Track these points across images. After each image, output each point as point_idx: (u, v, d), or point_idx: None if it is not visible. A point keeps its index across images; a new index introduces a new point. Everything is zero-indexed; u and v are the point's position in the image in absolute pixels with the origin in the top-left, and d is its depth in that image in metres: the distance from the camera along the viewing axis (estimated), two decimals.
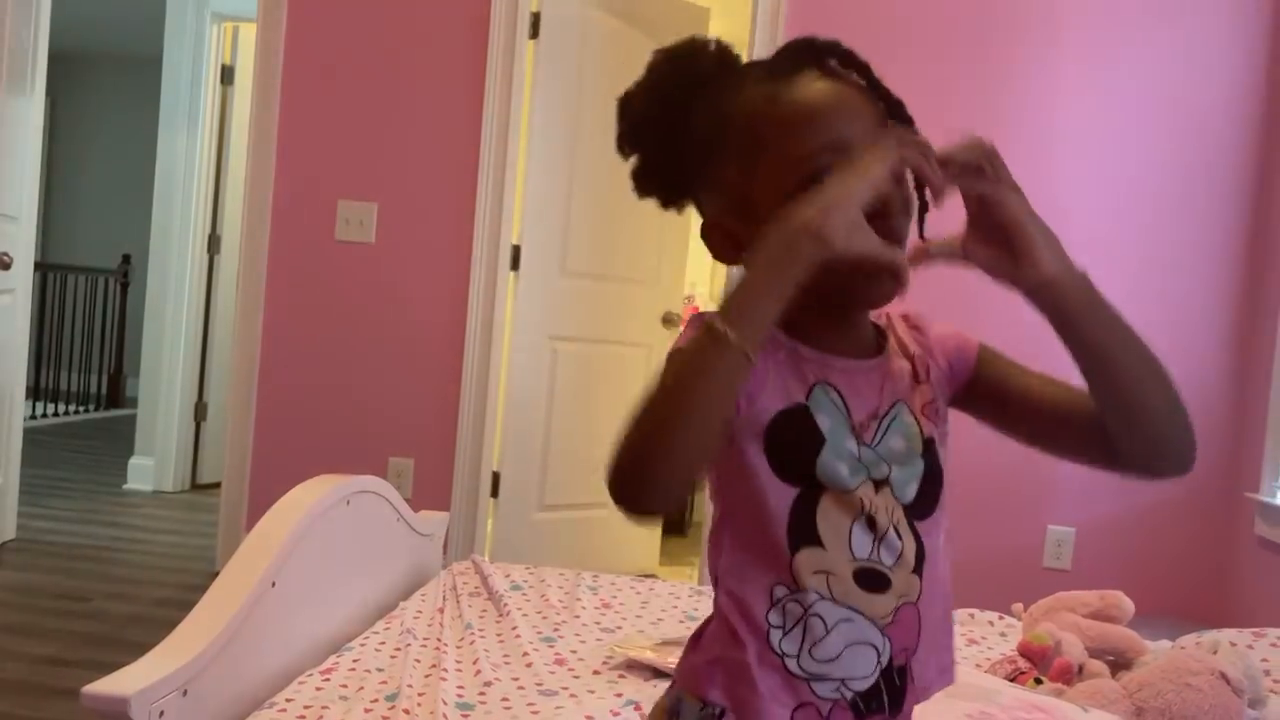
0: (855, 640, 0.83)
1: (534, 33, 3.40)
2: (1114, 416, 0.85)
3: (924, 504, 0.88)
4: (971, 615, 2.13)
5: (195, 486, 4.76)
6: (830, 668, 0.83)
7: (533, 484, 3.55)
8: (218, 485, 4.11)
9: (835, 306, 0.86)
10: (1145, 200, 3.15)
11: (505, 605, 1.97)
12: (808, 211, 0.75)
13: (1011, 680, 1.57)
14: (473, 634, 1.81)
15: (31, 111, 3.54)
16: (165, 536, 3.95)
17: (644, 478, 0.73)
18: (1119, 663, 1.71)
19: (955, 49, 3.18)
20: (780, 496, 0.83)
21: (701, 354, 0.74)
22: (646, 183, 0.92)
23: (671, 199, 0.93)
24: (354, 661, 1.64)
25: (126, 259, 6.80)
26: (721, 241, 0.89)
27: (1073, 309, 0.83)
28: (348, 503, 1.81)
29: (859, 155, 0.78)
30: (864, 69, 0.86)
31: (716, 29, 3.75)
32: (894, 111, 0.86)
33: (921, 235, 0.87)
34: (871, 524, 0.84)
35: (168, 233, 4.64)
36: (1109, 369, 0.84)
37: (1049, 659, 1.59)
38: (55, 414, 6.30)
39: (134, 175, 6.91)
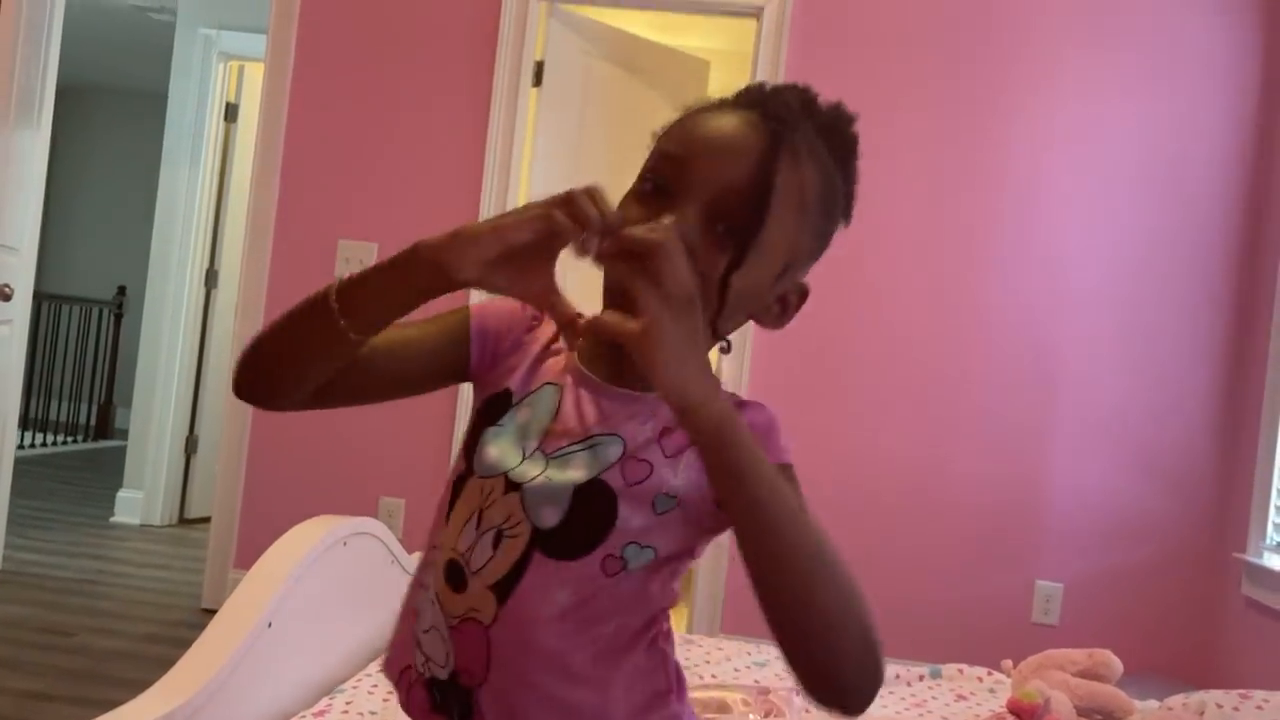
0: (433, 625, 0.85)
1: (537, 80, 3.46)
2: (763, 607, 0.70)
3: (562, 543, 0.80)
4: (960, 670, 2.14)
5: (183, 521, 4.73)
6: (423, 640, 0.86)
7: None
8: (206, 520, 4.10)
9: None
10: (1132, 258, 3.20)
11: None
12: (437, 237, 0.73)
13: None
14: None
15: (38, 145, 3.57)
16: (152, 571, 3.92)
17: (244, 377, 0.83)
18: None
19: (943, 100, 3.25)
20: (457, 466, 0.88)
21: (309, 310, 0.78)
22: None
23: None
24: (346, 704, 1.64)
25: (122, 290, 6.82)
26: None
27: (701, 444, 0.69)
28: (345, 544, 1.82)
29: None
30: (840, 147, 0.83)
31: (716, 81, 3.83)
32: (763, 191, 0.78)
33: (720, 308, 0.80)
34: (480, 519, 0.84)
35: (165, 266, 4.66)
36: (744, 536, 0.69)
37: (1038, 717, 1.60)
38: (44, 444, 6.27)
39: (133, 208, 6.96)
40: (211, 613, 3.31)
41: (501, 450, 0.85)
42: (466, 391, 3.43)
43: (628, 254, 0.70)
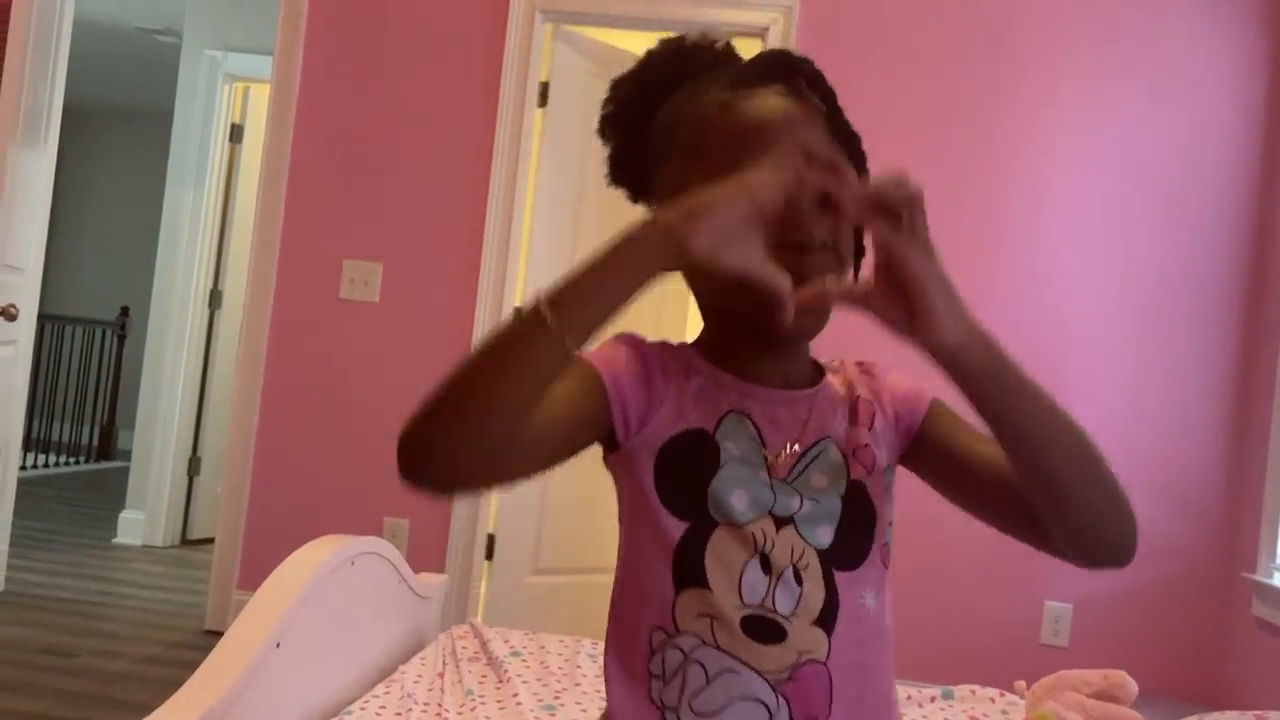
0: (741, 695, 0.75)
1: (542, 101, 3.47)
2: (1037, 498, 0.76)
3: (846, 553, 0.80)
4: (973, 692, 2.12)
5: (185, 542, 4.71)
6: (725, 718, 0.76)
7: (527, 547, 3.53)
8: (209, 541, 4.09)
9: (757, 335, 0.82)
10: (1137, 278, 3.20)
11: (505, 671, 1.96)
12: (671, 212, 0.68)
13: None
14: (474, 700, 1.79)
15: (44, 165, 3.58)
16: (154, 592, 3.90)
17: (428, 448, 0.67)
18: None
19: (946, 119, 3.25)
20: (670, 529, 0.77)
21: (513, 332, 0.66)
22: (615, 171, 0.92)
23: (638, 193, 0.92)
24: None
25: (125, 311, 6.82)
26: None
27: (975, 378, 0.72)
28: (352, 563, 1.81)
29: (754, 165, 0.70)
30: (829, 94, 0.84)
31: None
32: (848, 144, 0.83)
33: (855, 279, 0.83)
34: (766, 564, 0.77)
35: (169, 286, 4.67)
36: (1023, 445, 0.75)
37: None
38: (47, 465, 6.26)
39: (137, 228, 6.98)
40: (215, 634, 3.31)
41: (749, 489, 0.79)
42: None
43: (880, 209, 0.69)
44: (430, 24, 3.43)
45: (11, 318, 3.14)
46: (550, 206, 3.53)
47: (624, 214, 0.83)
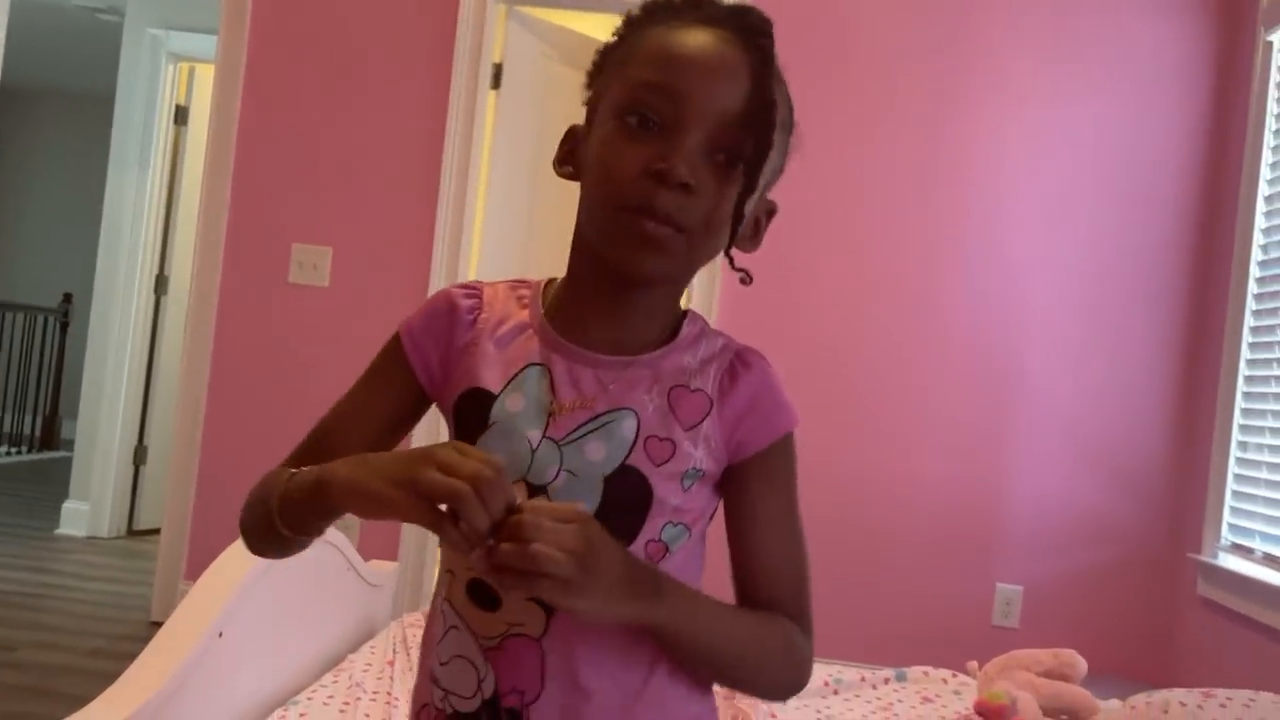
0: (458, 653, 0.79)
1: (496, 83, 3.42)
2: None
3: None
4: (925, 673, 2.13)
5: (131, 532, 4.61)
6: (442, 673, 0.81)
7: None
8: (155, 531, 4.00)
9: (604, 286, 0.81)
10: (1089, 262, 3.24)
11: None
12: (346, 475, 0.73)
13: None
14: None
15: None
16: (98, 584, 3.81)
17: (251, 549, 0.86)
18: None
19: (902, 107, 3.26)
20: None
21: (265, 526, 0.80)
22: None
23: None
24: (301, 715, 1.59)
25: (68, 298, 6.65)
26: (561, 146, 0.86)
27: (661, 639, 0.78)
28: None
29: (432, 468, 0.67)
30: (768, 60, 0.79)
31: None
32: (763, 114, 0.76)
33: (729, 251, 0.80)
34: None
35: (113, 272, 4.55)
36: (696, 670, 0.82)
37: (1005, 717, 1.59)
38: None
39: (79, 213, 6.80)
40: (160, 626, 3.23)
41: (507, 451, 0.77)
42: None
43: (506, 567, 0.67)
44: (381, 3, 3.36)
45: None
46: (504, 189, 3.49)
47: (578, 192, 0.82)
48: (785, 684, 0.84)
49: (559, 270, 0.90)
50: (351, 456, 0.76)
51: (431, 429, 2.70)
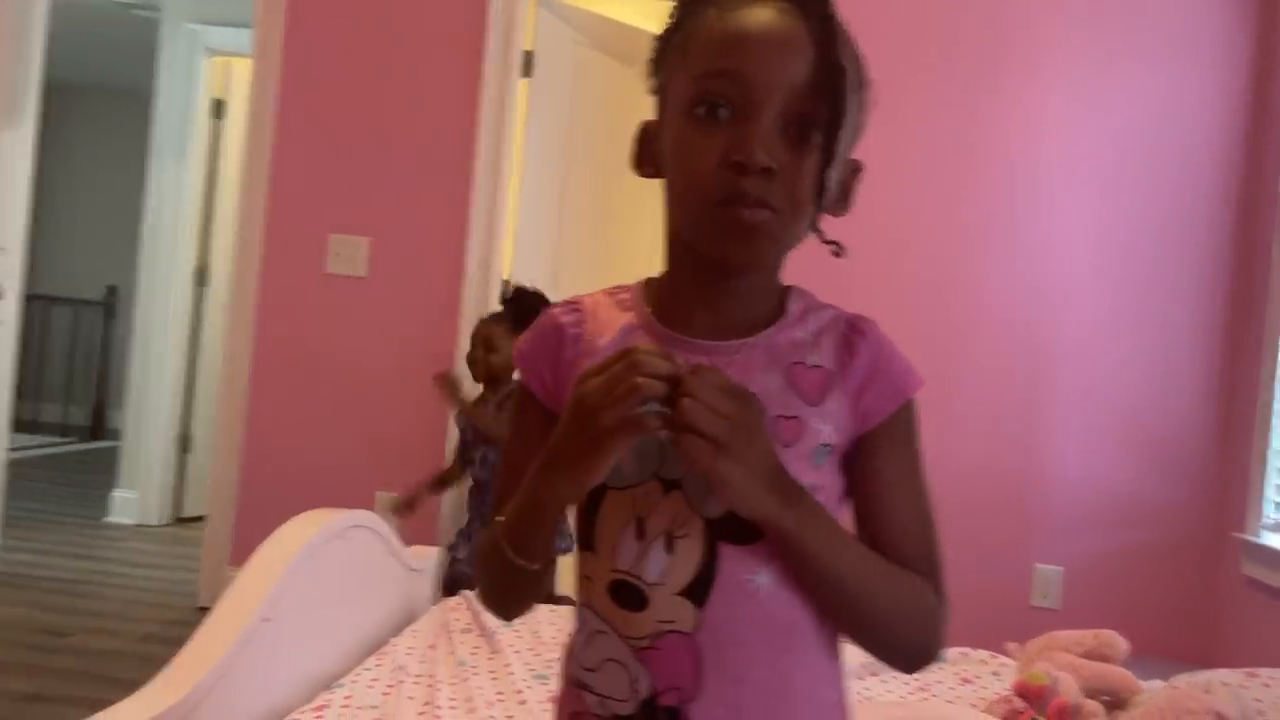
0: (609, 656, 0.78)
1: (527, 71, 3.43)
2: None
3: (737, 525, 0.74)
4: (964, 654, 2.13)
5: (179, 520, 4.71)
6: (592, 679, 0.79)
7: None
8: (201, 518, 4.07)
9: (704, 276, 0.80)
10: (1126, 241, 3.19)
11: (498, 641, 1.96)
12: (548, 465, 0.74)
13: None
14: (466, 671, 1.79)
15: (23, 144, 3.54)
16: (147, 570, 3.90)
17: (495, 612, 0.88)
18: (1114, 702, 1.71)
19: (935, 86, 3.23)
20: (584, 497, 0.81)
21: (498, 568, 0.80)
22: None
23: None
24: (346, 698, 1.62)
25: (112, 290, 6.78)
26: (636, 146, 0.84)
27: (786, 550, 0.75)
28: (342, 537, 1.80)
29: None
30: (830, 25, 0.76)
31: None
32: (834, 78, 0.75)
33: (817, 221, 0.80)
34: (641, 529, 0.76)
35: (155, 264, 4.63)
36: (819, 602, 0.78)
37: (1045, 699, 1.59)
38: (37, 446, 6.23)
39: (121, 207, 6.90)
40: (207, 612, 3.30)
41: (638, 449, 0.76)
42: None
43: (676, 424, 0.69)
44: None
45: None
46: (536, 176, 3.50)
47: (610, 183, 0.82)
48: (916, 645, 0.79)
49: (593, 254, 0.91)
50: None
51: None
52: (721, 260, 0.78)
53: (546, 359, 0.84)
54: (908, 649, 0.80)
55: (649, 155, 0.83)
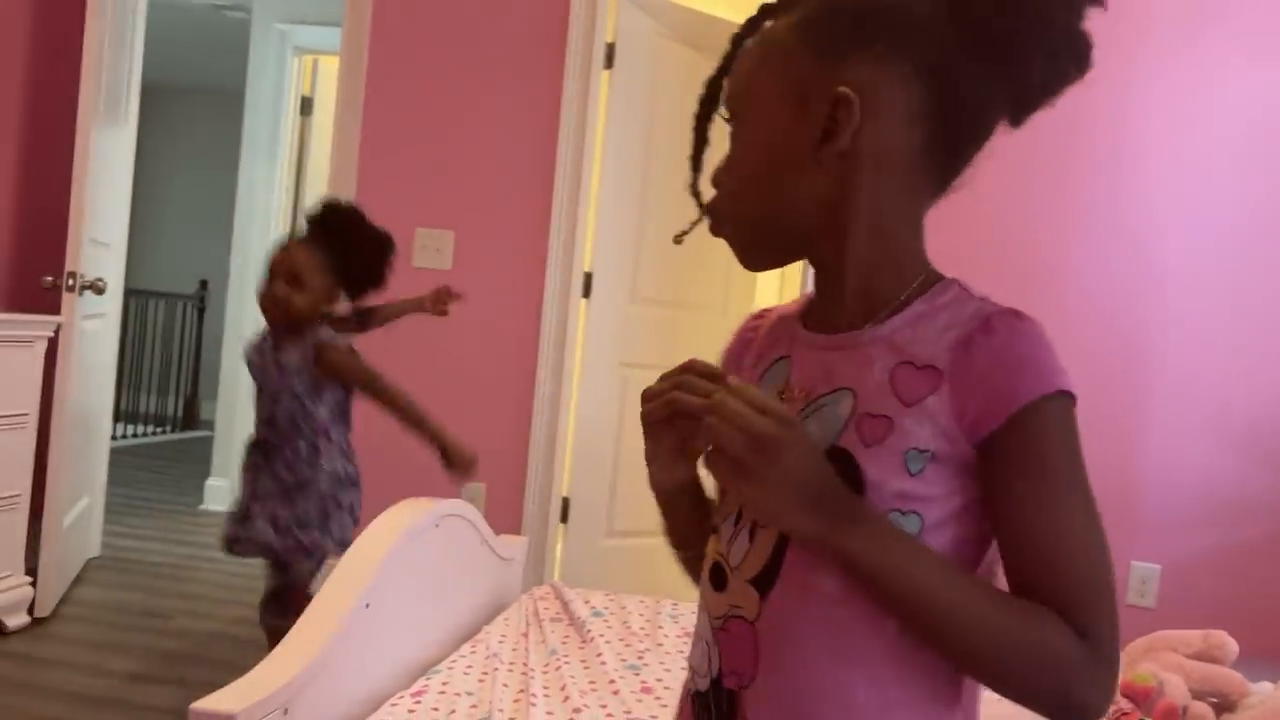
0: (700, 633, 0.82)
1: (609, 63, 3.43)
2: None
3: None
4: None
5: None
6: (692, 654, 0.83)
7: (602, 510, 3.55)
8: None
9: (819, 274, 0.82)
10: (1233, 237, 3.07)
11: (588, 631, 1.97)
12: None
13: None
14: (558, 659, 1.81)
15: (124, 143, 3.66)
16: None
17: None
18: (1223, 705, 1.65)
19: None
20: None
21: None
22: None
23: None
24: (443, 684, 1.65)
25: (204, 284, 6.98)
26: None
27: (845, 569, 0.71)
28: (437, 526, 1.83)
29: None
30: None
31: None
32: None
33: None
34: (740, 514, 0.79)
35: (246, 259, 4.76)
36: (912, 628, 0.72)
37: (1152, 700, 1.54)
38: (135, 435, 6.46)
39: (214, 203, 7.11)
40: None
41: None
42: (544, 374, 3.39)
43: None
44: None
45: (100, 291, 3.22)
46: (617, 169, 3.51)
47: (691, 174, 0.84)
48: (1046, 692, 0.69)
49: (673, 246, 0.95)
50: None
51: None
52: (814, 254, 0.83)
53: (734, 369, 0.90)
54: (1036, 694, 0.69)
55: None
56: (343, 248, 2.32)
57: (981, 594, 0.70)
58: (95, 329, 3.46)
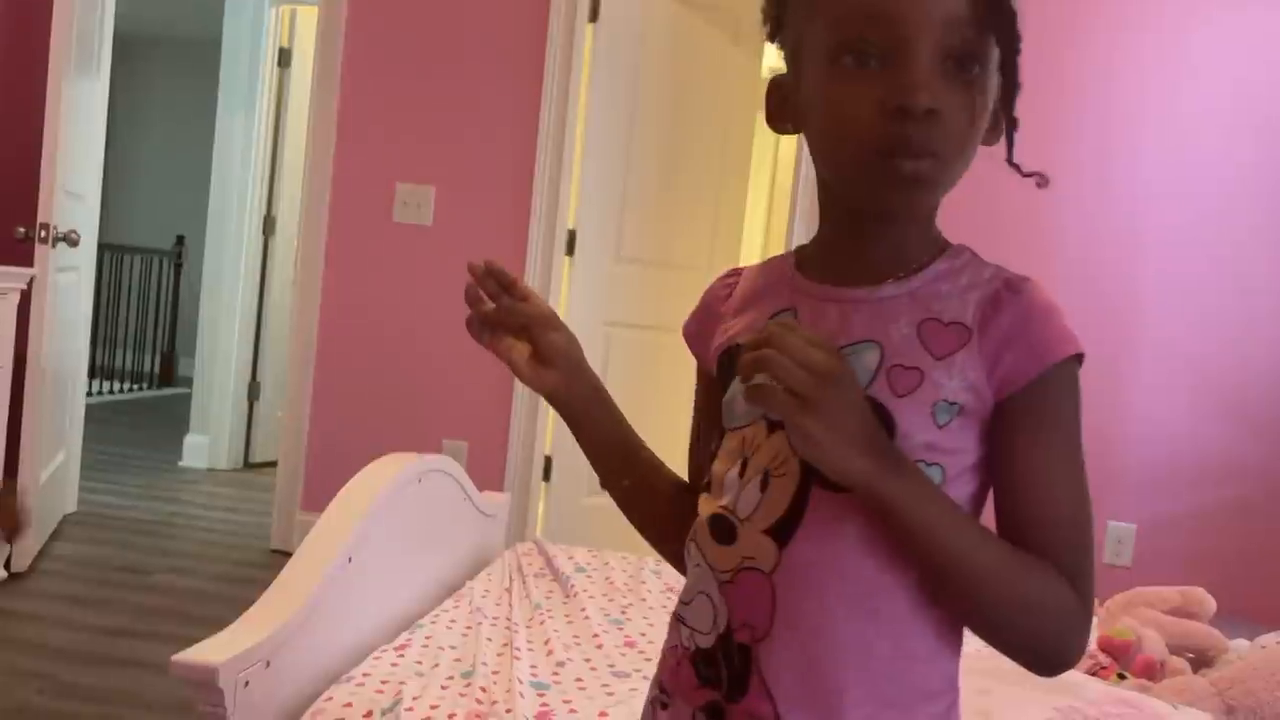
0: (700, 589, 0.78)
1: (593, 16, 3.38)
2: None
3: None
4: None
5: (248, 465, 4.81)
6: (686, 612, 0.80)
7: (584, 469, 3.48)
8: (270, 464, 4.16)
9: (857, 226, 0.78)
10: (1215, 199, 3.07)
11: (572, 586, 1.97)
12: None
13: (1093, 675, 1.54)
14: (542, 614, 1.81)
15: (97, 93, 3.59)
16: (220, 513, 4.00)
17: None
18: (1200, 660, 1.67)
19: (1028, 23, 3.12)
20: (698, 443, 0.89)
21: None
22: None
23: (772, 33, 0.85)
24: (426, 638, 1.65)
25: (180, 240, 6.89)
26: (772, 103, 0.81)
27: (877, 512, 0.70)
28: (419, 481, 1.82)
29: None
30: None
31: None
32: (999, 26, 0.73)
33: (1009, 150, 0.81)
34: (744, 467, 0.76)
35: (223, 214, 4.69)
36: (935, 585, 0.72)
37: (1131, 654, 1.56)
38: (111, 391, 6.40)
39: (190, 157, 7.00)
40: (280, 554, 3.39)
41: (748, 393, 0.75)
42: None
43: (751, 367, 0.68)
44: None
45: (74, 243, 3.17)
46: (601, 124, 3.46)
47: (676, 129, 0.81)
48: (1048, 644, 0.71)
49: (658, 201, 0.91)
50: None
51: None
52: (880, 212, 0.76)
53: (706, 325, 0.88)
54: (1038, 647, 0.72)
55: (785, 111, 0.80)
56: None
57: (1000, 546, 0.71)
58: (69, 282, 3.40)
